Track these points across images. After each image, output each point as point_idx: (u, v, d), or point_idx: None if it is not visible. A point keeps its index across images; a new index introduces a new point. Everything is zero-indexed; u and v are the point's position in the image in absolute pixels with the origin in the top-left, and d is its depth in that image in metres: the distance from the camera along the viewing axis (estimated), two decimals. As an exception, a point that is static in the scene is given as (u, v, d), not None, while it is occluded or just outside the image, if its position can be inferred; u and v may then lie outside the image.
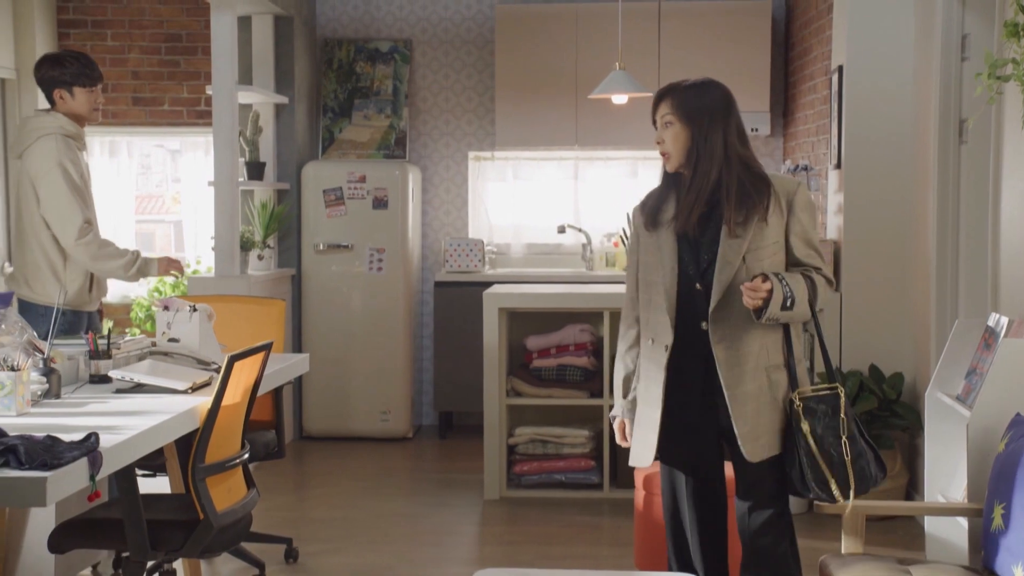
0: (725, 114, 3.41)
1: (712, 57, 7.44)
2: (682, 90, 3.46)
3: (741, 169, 3.38)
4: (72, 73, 4.70)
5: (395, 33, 7.95)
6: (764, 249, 3.36)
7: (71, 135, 4.70)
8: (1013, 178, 4.06)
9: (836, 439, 3.32)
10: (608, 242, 7.86)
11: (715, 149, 3.36)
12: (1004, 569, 3.17)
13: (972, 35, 4.91)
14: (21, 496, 2.64)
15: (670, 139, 3.42)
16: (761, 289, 3.26)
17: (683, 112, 3.41)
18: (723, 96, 3.45)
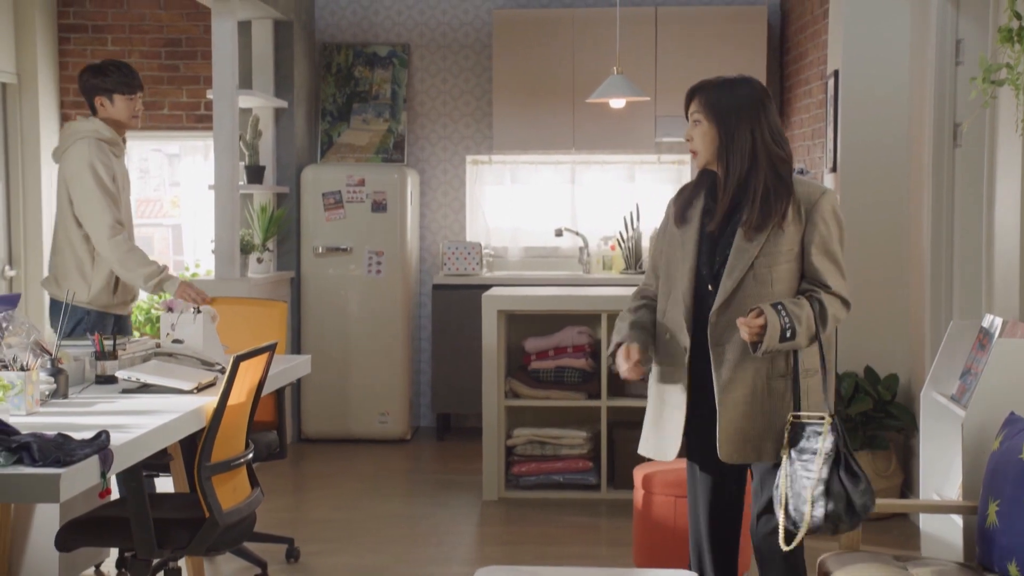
0: (754, 112, 3.31)
1: (708, 62, 7.48)
2: (712, 87, 3.38)
3: (768, 170, 3.30)
4: (113, 81, 4.86)
5: (393, 38, 8.00)
6: (778, 255, 3.28)
7: (106, 140, 4.84)
8: (1007, 181, 4.12)
9: (807, 473, 3.19)
10: (605, 245, 7.92)
11: (744, 147, 3.30)
12: (999, 565, 3.22)
13: (966, 40, 4.98)
14: (35, 492, 2.69)
15: (698, 137, 3.36)
16: (755, 324, 3.18)
17: (711, 110, 3.34)
18: (754, 93, 3.35)
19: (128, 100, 4.89)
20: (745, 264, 3.29)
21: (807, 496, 3.14)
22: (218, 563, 4.91)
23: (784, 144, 3.37)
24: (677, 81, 7.52)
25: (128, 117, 4.92)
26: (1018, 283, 4.00)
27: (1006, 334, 3.88)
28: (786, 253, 3.29)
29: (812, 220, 3.29)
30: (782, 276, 3.31)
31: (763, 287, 3.29)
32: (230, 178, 6.58)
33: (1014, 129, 3.92)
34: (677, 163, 7.99)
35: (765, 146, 3.31)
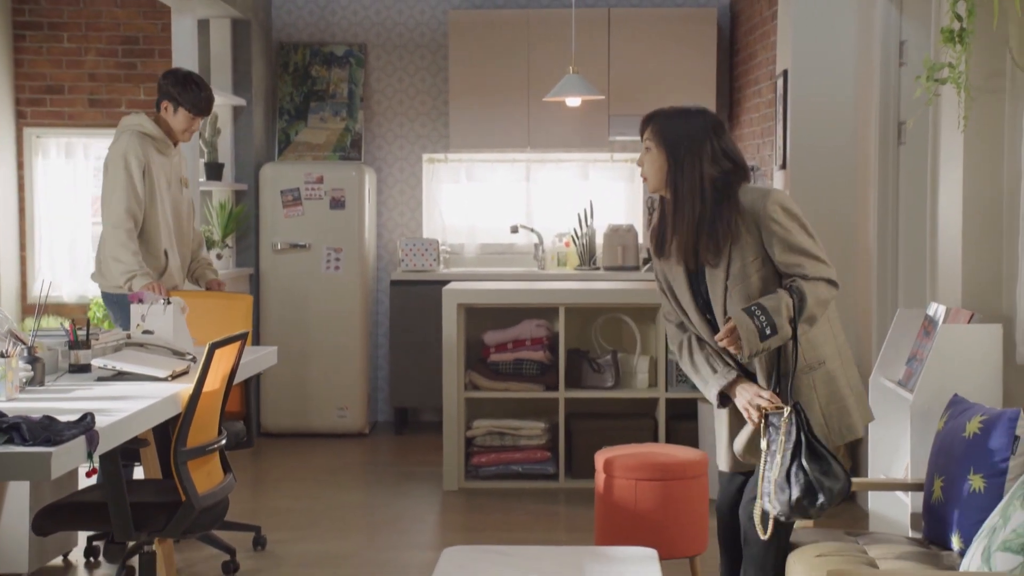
0: (703, 141, 3.40)
1: (660, 63, 7.68)
2: (664, 116, 3.47)
3: (714, 197, 3.38)
4: (187, 97, 5.07)
5: (350, 37, 8.09)
6: (746, 268, 3.37)
7: (149, 134, 5.04)
8: (949, 176, 4.32)
9: (774, 461, 3.30)
10: (560, 242, 8.07)
11: (692, 176, 3.39)
12: (944, 538, 3.40)
13: (909, 41, 5.18)
14: (26, 470, 2.78)
15: (648, 163, 3.47)
16: (724, 332, 3.30)
17: (662, 138, 3.43)
18: (705, 123, 3.44)
19: (191, 119, 5.10)
20: (721, 290, 3.41)
21: (773, 486, 3.28)
22: (187, 551, 4.99)
23: (735, 157, 3.44)
24: (630, 81, 7.69)
25: (182, 131, 5.13)
26: (960, 273, 4.20)
27: (949, 321, 4.07)
28: (753, 263, 3.37)
29: (764, 226, 3.36)
30: (761, 284, 3.38)
31: (749, 301, 3.37)
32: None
33: (956, 126, 4.11)
34: (630, 161, 8.15)
35: (708, 177, 3.38)
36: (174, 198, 5.20)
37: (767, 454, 3.33)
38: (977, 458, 3.34)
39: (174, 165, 5.22)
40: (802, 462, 3.26)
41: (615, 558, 3.61)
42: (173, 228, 5.20)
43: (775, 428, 3.31)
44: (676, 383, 6.17)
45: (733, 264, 3.38)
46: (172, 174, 5.20)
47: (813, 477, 3.26)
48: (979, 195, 4.14)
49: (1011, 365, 3.99)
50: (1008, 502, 3.01)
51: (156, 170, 5.06)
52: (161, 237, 5.11)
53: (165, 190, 5.12)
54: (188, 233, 5.36)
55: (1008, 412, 3.34)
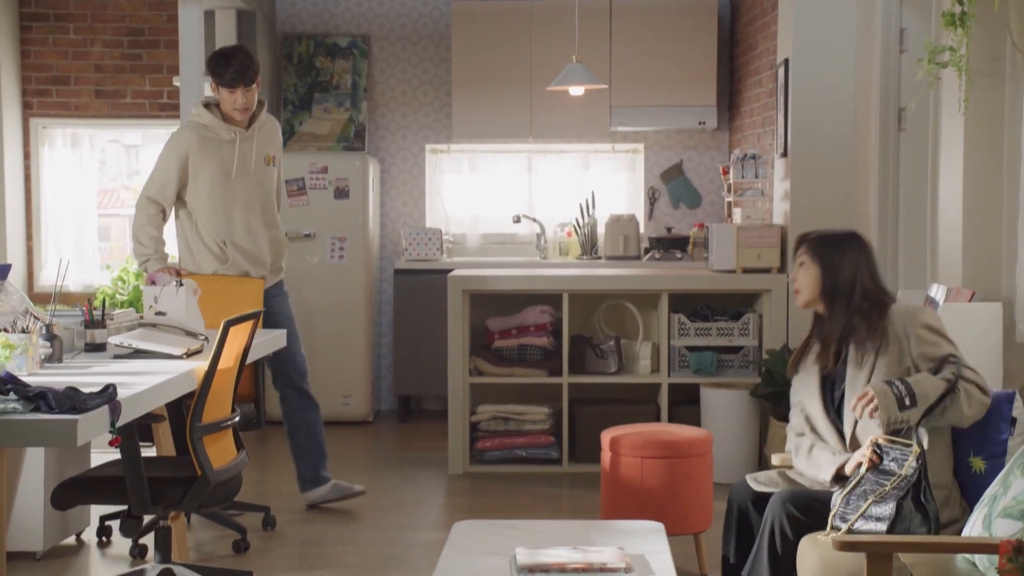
0: (857, 257, 3.55)
1: (661, 54, 7.75)
2: (819, 234, 3.63)
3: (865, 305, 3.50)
4: (217, 73, 4.96)
5: (353, 29, 8.16)
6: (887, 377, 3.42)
7: (204, 125, 5.02)
8: (950, 158, 4.39)
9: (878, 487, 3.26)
10: (561, 232, 8.14)
11: (847, 289, 3.51)
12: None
13: (910, 29, 5.25)
14: (54, 436, 2.85)
15: (802, 276, 3.60)
16: (862, 399, 3.34)
17: (816, 252, 3.57)
18: (859, 242, 3.59)
19: (229, 93, 4.96)
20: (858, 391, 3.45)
21: (861, 507, 3.24)
22: (198, 530, 5.06)
23: (880, 283, 3.56)
24: (631, 72, 7.76)
25: (230, 109, 5.00)
26: (960, 253, 4.27)
27: (950, 300, 4.14)
28: (894, 367, 3.43)
29: (910, 336, 3.44)
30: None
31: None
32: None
33: (957, 109, 4.19)
34: (631, 152, 8.23)
35: (863, 285, 3.52)
36: (245, 184, 5.09)
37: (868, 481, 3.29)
38: (977, 440, 3.42)
39: (244, 150, 5.08)
40: (921, 499, 3.22)
41: (623, 531, 3.68)
42: (241, 217, 5.09)
43: (898, 460, 3.26)
44: (678, 368, 6.25)
45: (877, 371, 3.45)
46: (247, 158, 5.08)
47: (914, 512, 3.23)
48: (979, 177, 4.22)
49: (1011, 344, 4.07)
50: (1009, 470, 3.08)
51: (207, 159, 5.01)
52: (217, 228, 5.08)
53: (220, 179, 5.03)
54: (273, 218, 5.26)
55: (1005, 393, 3.41)
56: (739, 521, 3.65)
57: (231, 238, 5.11)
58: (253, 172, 5.13)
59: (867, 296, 3.52)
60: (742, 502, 3.65)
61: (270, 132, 5.23)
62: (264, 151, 5.17)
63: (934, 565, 3.09)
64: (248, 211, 5.13)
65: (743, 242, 6.19)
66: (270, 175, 5.22)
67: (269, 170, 5.21)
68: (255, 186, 5.15)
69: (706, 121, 7.78)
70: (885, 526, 3.19)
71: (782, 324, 6.15)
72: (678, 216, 8.20)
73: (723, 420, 5.96)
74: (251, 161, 5.11)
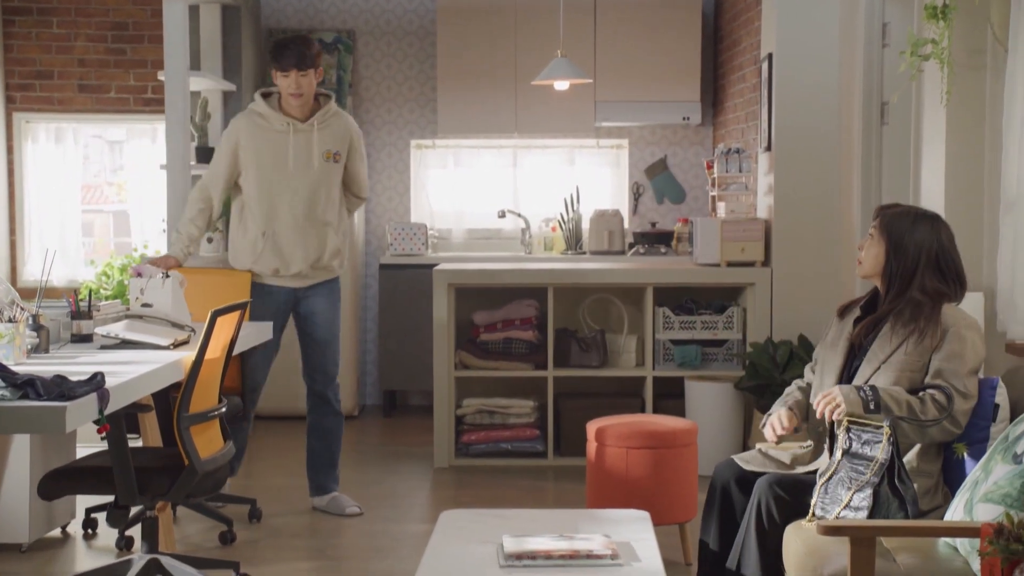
0: (926, 247, 3.51)
1: (646, 50, 7.78)
2: (896, 212, 3.60)
3: (917, 300, 3.48)
4: (270, 54, 5.02)
5: (338, 24, 8.16)
6: (910, 364, 3.44)
7: (259, 113, 5.01)
8: (932, 150, 4.43)
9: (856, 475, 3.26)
10: (546, 227, 8.16)
11: (905, 279, 3.51)
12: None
13: (892, 23, 5.29)
14: (42, 423, 2.85)
15: (867, 248, 3.60)
16: (822, 401, 3.38)
17: (887, 231, 3.55)
18: (934, 230, 3.54)
19: (283, 76, 4.93)
20: (872, 368, 3.49)
21: (843, 498, 3.25)
22: (184, 522, 5.07)
23: (946, 275, 3.51)
24: (616, 68, 7.79)
25: (285, 93, 4.98)
26: (943, 244, 4.31)
27: (932, 290, 4.17)
28: (914, 363, 3.44)
29: (946, 338, 3.43)
30: (891, 380, 3.44)
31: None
32: (182, 157, 6.69)
33: (939, 101, 4.22)
34: (615, 147, 8.26)
35: (923, 278, 3.50)
36: (296, 177, 5.01)
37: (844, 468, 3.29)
38: (960, 426, 3.45)
39: (299, 143, 5.01)
40: (895, 483, 3.23)
41: (609, 519, 3.71)
42: (288, 209, 5.02)
43: (870, 443, 3.26)
44: (663, 362, 6.27)
45: (898, 353, 3.46)
46: (302, 152, 5.01)
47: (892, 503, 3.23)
48: (961, 169, 4.25)
49: (992, 333, 4.10)
50: (990, 456, 3.11)
51: (260, 148, 4.99)
52: (261, 218, 5.05)
53: (268, 170, 5.01)
54: (324, 214, 5.10)
55: (989, 380, 3.45)
56: (721, 502, 3.69)
57: (272, 228, 5.04)
58: (307, 166, 5.03)
59: (924, 289, 3.50)
60: (725, 481, 3.69)
61: (336, 128, 5.11)
62: (325, 146, 5.06)
63: (916, 549, 3.12)
64: (295, 205, 5.04)
65: (727, 236, 6.23)
66: (328, 171, 5.09)
67: (328, 166, 5.08)
68: (308, 181, 5.04)
69: (690, 117, 7.82)
70: (864, 515, 3.22)
71: (766, 318, 6.18)
72: (662, 211, 8.23)
73: (707, 413, 5.99)
74: (307, 155, 5.02)
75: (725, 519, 3.71)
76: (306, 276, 5.15)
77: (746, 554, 3.47)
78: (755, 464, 3.65)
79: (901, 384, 3.44)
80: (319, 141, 5.04)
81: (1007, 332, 4.00)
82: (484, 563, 3.22)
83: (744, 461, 3.67)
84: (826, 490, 3.31)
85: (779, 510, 3.40)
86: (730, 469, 3.69)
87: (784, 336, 6.04)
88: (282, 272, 5.10)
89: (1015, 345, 3.96)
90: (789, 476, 3.52)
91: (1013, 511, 2.82)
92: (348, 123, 5.19)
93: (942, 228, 3.58)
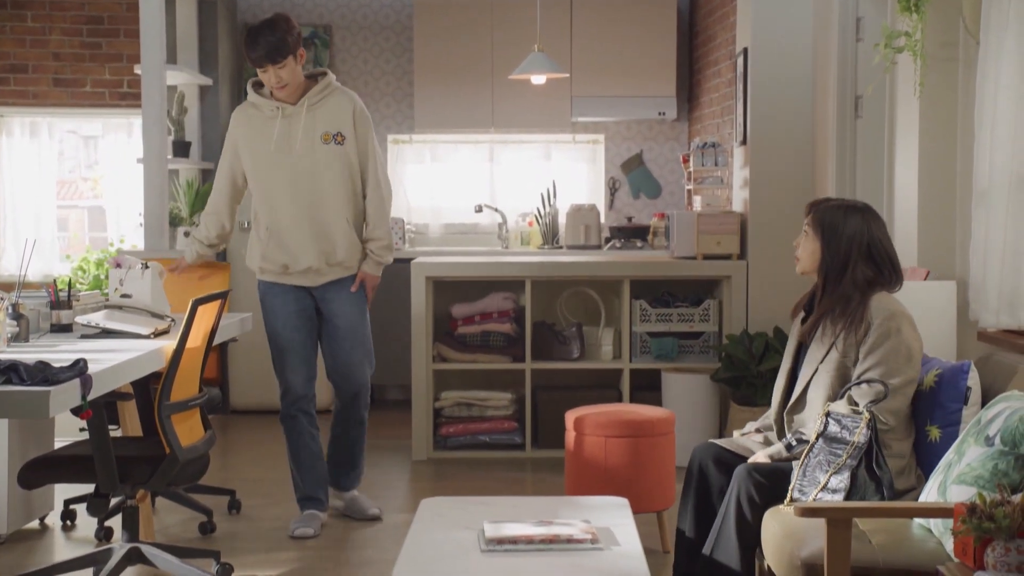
0: (858, 240, 3.56)
1: (622, 46, 7.83)
2: (827, 207, 3.64)
3: (851, 292, 3.55)
4: (243, 50, 4.64)
5: (315, 19, 8.17)
6: (839, 363, 3.52)
7: (253, 103, 4.70)
8: (906, 141, 4.49)
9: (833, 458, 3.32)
10: (523, 221, 8.19)
11: (841, 272, 3.57)
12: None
13: (866, 18, 5.35)
14: (25, 408, 2.86)
15: (803, 246, 3.66)
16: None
17: (820, 227, 3.61)
18: (865, 222, 3.59)
19: (262, 72, 4.59)
20: (811, 370, 3.58)
21: (821, 480, 3.30)
22: (164, 513, 5.07)
23: (879, 265, 3.57)
24: (592, 63, 7.83)
25: (270, 87, 4.63)
26: (916, 234, 4.37)
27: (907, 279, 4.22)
28: (846, 362, 3.52)
29: (870, 331, 3.48)
30: (830, 383, 3.52)
31: (830, 390, 3.52)
32: (159, 151, 6.70)
33: (912, 93, 4.28)
34: (592, 142, 8.31)
35: (854, 271, 3.55)
36: (289, 165, 4.64)
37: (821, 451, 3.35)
38: (933, 410, 3.50)
39: (287, 126, 4.64)
40: (873, 467, 3.29)
41: (588, 506, 3.74)
42: (287, 200, 4.67)
43: (849, 428, 3.33)
44: (640, 354, 6.32)
45: (832, 352, 3.53)
46: (291, 135, 4.63)
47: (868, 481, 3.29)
48: (934, 160, 4.31)
49: (964, 321, 4.16)
50: (963, 439, 3.17)
51: (252, 138, 4.68)
52: (263, 213, 4.75)
53: (260, 160, 4.67)
54: (332, 203, 4.69)
55: (961, 364, 3.50)
56: (698, 485, 3.73)
57: (275, 221, 4.71)
58: (301, 150, 4.63)
59: (855, 281, 3.56)
60: (703, 460, 3.73)
61: (336, 107, 4.68)
62: (322, 128, 4.64)
63: (891, 531, 3.17)
64: (296, 194, 4.66)
65: (703, 229, 6.27)
66: (331, 155, 4.65)
67: (331, 149, 4.64)
68: (305, 167, 4.64)
69: (666, 112, 7.87)
70: (841, 497, 3.27)
71: (742, 310, 6.24)
72: (638, 206, 8.28)
73: (684, 404, 6.03)
74: (298, 138, 4.63)
75: (701, 505, 3.74)
76: (320, 273, 4.75)
77: (724, 541, 3.51)
78: (733, 447, 3.70)
79: (836, 386, 3.49)
80: (313, 122, 4.64)
81: (979, 320, 4.06)
82: (465, 548, 3.25)
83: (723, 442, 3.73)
84: (804, 473, 3.35)
85: (759, 495, 3.44)
86: (708, 450, 3.74)
87: (760, 328, 6.10)
88: (292, 268, 4.74)
89: (987, 333, 4.02)
90: (768, 464, 3.56)
91: (986, 492, 2.87)
92: (350, 99, 4.74)
93: (873, 219, 3.63)
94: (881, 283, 3.59)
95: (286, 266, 4.74)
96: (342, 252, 4.73)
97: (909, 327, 3.51)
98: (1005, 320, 3.92)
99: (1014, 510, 2.62)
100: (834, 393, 3.52)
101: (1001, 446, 2.98)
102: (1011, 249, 3.88)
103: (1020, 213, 3.86)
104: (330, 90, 4.71)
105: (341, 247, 4.72)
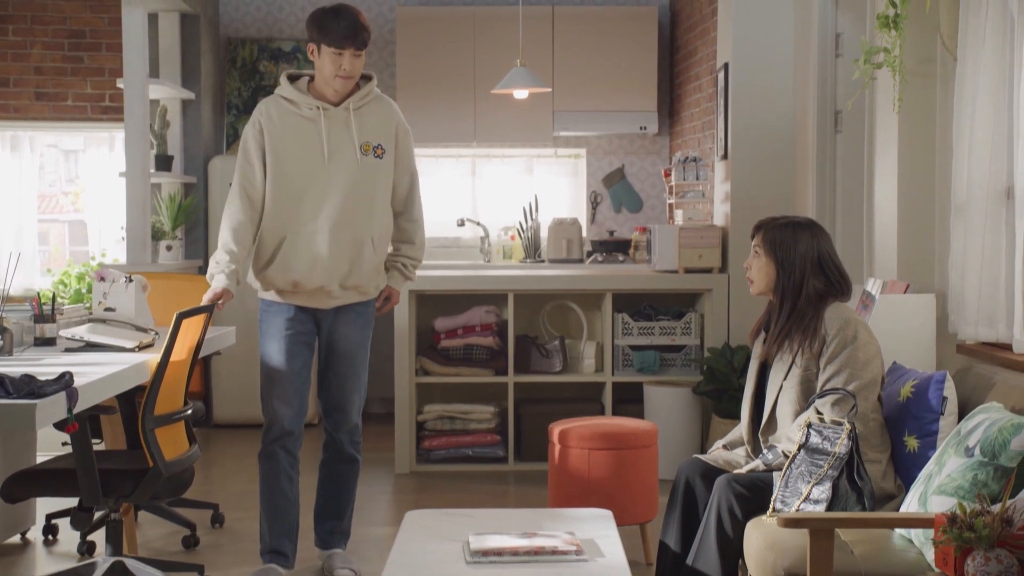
0: (808, 255, 3.65)
1: (603, 61, 7.88)
2: (775, 226, 3.71)
3: (806, 305, 3.62)
4: (320, 28, 4.09)
5: (297, 33, 8.18)
6: (802, 377, 3.58)
7: (287, 98, 4.18)
8: (885, 156, 4.54)
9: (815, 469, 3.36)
10: (505, 235, 8.22)
11: (795, 288, 3.63)
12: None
13: (845, 34, 5.41)
14: (12, 421, 2.86)
15: (755, 268, 3.72)
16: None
17: (771, 247, 3.67)
18: (813, 237, 3.68)
19: (335, 55, 4.06)
20: (776, 388, 3.64)
21: (803, 491, 3.34)
22: (147, 526, 5.06)
23: (830, 277, 3.66)
24: (574, 78, 7.88)
25: (331, 75, 4.08)
26: (896, 248, 4.41)
27: (887, 292, 4.28)
28: (808, 376, 3.58)
29: (827, 343, 3.56)
30: (797, 396, 3.59)
31: (796, 404, 3.59)
32: (141, 165, 6.70)
33: (891, 108, 4.33)
34: (573, 157, 8.35)
35: (809, 287, 3.63)
36: (326, 173, 4.16)
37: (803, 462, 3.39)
38: (911, 420, 3.54)
39: (331, 131, 4.15)
40: (855, 477, 3.32)
41: (572, 518, 3.76)
42: (312, 210, 4.16)
43: (830, 439, 3.36)
44: (622, 367, 6.34)
45: (794, 369, 3.60)
46: (334, 141, 4.15)
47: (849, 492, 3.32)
48: (913, 174, 4.36)
49: (943, 334, 4.20)
50: (943, 450, 3.20)
51: (285, 136, 4.16)
52: (275, 221, 4.20)
53: (291, 162, 4.16)
54: (363, 222, 4.21)
55: (936, 375, 3.54)
56: (684, 499, 3.74)
57: (293, 233, 4.18)
58: (341, 160, 4.16)
59: (809, 296, 3.63)
60: (690, 475, 3.75)
61: (378, 116, 4.24)
62: (364, 137, 4.17)
63: (872, 541, 3.21)
64: (325, 206, 4.16)
65: (684, 243, 6.31)
66: (369, 168, 4.18)
67: (369, 161, 4.17)
68: (344, 178, 4.17)
69: (647, 126, 7.92)
70: (823, 508, 3.30)
71: (723, 323, 6.27)
72: (620, 220, 8.32)
73: (666, 417, 6.06)
74: (341, 146, 4.16)
75: (687, 519, 3.75)
76: (331, 295, 4.26)
77: (705, 552, 3.54)
78: (721, 462, 3.73)
79: (802, 400, 3.56)
80: (358, 131, 4.18)
81: (958, 333, 4.11)
82: (451, 560, 3.26)
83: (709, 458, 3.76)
84: (786, 484, 3.39)
85: (740, 506, 3.47)
86: (695, 465, 3.76)
87: (741, 341, 6.13)
88: (302, 287, 4.22)
89: (965, 346, 4.07)
90: (749, 475, 3.59)
91: (966, 502, 2.90)
92: (393, 111, 4.31)
93: (820, 233, 3.73)
94: (833, 294, 3.68)
95: (296, 284, 4.22)
96: (361, 275, 4.25)
97: (865, 332, 3.61)
98: (984, 332, 3.96)
99: (994, 520, 2.66)
100: (801, 408, 3.58)
101: (981, 457, 3.02)
102: (989, 262, 3.92)
103: (998, 226, 3.91)
104: (375, 96, 4.29)
105: (360, 269, 4.24)
